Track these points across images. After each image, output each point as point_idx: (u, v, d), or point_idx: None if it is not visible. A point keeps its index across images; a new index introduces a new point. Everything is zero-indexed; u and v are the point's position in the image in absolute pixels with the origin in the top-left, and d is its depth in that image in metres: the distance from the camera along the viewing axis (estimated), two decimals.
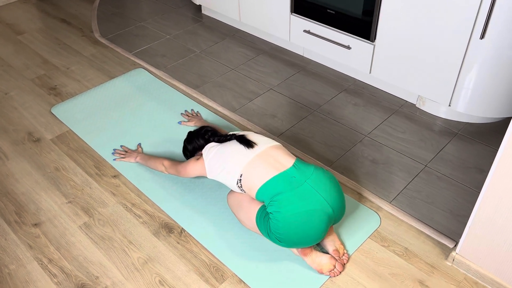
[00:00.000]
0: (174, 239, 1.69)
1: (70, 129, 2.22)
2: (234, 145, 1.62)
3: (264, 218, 1.50)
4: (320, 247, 1.61)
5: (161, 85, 2.49)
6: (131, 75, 2.57)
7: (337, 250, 1.57)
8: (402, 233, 1.68)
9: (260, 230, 1.54)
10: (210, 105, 2.35)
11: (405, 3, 1.96)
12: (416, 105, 2.28)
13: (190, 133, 1.84)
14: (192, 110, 2.28)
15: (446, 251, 1.61)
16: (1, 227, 1.77)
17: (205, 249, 1.65)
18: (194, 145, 1.78)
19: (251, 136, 1.65)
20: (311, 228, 1.45)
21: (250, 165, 1.54)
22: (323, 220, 1.46)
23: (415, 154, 2.00)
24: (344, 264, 1.57)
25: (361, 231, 1.68)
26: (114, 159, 2.02)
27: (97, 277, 1.58)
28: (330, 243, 1.58)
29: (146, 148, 2.08)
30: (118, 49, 2.83)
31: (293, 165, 1.53)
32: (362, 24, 2.18)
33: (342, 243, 1.62)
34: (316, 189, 1.47)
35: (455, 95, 2.03)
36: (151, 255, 1.64)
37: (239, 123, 2.22)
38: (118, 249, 1.67)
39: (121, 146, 2.09)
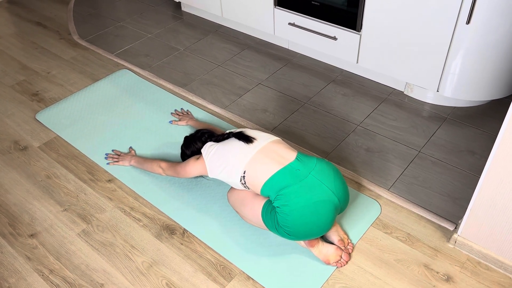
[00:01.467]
0: (177, 240, 1.67)
1: (58, 135, 2.16)
2: (233, 142, 1.61)
3: (270, 213, 1.50)
4: (324, 238, 1.62)
5: (148, 85, 2.45)
6: (116, 77, 2.52)
7: (342, 240, 1.58)
8: (403, 219, 1.70)
9: (267, 226, 1.54)
10: (200, 103, 2.33)
11: None
12: (404, 92, 2.31)
13: (186, 138, 1.81)
14: (182, 109, 2.26)
15: (447, 234, 1.64)
16: None
17: (210, 248, 1.64)
18: (192, 149, 1.75)
19: (249, 131, 1.65)
20: (319, 219, 1.46)
21: (253, 161, 1.53)
22: (331, 210, 1.47)
23: (408, 141, 2.03)
24: (350, 253, 1.58)
25: (363, 220, 1.70)
26: (108, 163, 1.97)
27: (102, 285, 1.55)
28: (334, 234, 1.60)
29: (139, 151, 2.04)
30: (99, 51, 2.77)
31: (296, 158, 1.53)
32: (348, 14, 2.19)
33: (346, 233, 1.64)
34: (321, 180, 1.48)
35: (443, 81, 2.07)
36: (155, 258, 1.62)
37: (231, 120, 2.20)
38: (121, 254, 1.64)
39: (112, 150, 2.04)
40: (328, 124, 2.15)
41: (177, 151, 2.02)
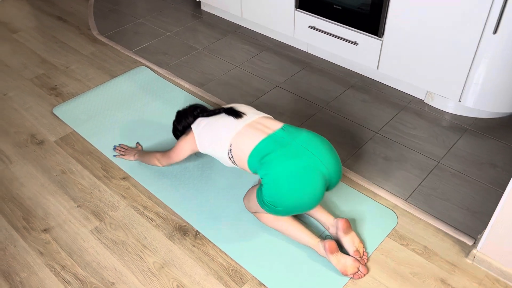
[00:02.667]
0: (189, 242, 1.66)
1: (74, 130, 2.16)
2: (223, 117, 1.61)
3: (260, 189, 1.47)
4: (340, 247, 1.59)
5: (165, 84, 2.44)
6: (134, 74, 2.52)
7: (357, 251, 1.55)
8: (420, 231, 1.67)
9: (260, 205, 1.49)
10: (216, 103, 2.31)
11: None
12: (425, 101, 2.27)
13: (179, 112, 1.80)
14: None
15: (466, 249, 1.60)
16: (9, 233, 1.71)
17: (222, 251, 1.62)
18: (183, 124, 1.76)
19: (240, 107, 1.65)
20: (304, 186, 1.38)
21: (240, 135, 1.52)
22: (317, 177, 1.39)
23: (427, 151, 1.99)
24: (366, 264, 1.55)
25: (379, 230, 1.66)
26: (114, 155, 1.99)
27: (113, 283, 1.54)
28: (350, 244, 1.56)
29: (153, 149, 2.03)
30: (118, 47, 2.77)
31: (281, 127, 1.51)
32: (370, 19, 2.16)
33: (362, 241, 1.60)
34: (307, 147, 1.43)
35: (465, 90, 2.02)
36: (167, 259, 1.61)
37: None
38: (133, 253, 1.63)
39: (119, 144, 2.04)
40: (345, 130, 2.11)
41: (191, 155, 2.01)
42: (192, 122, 1.71)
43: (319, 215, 1.62)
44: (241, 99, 2.33)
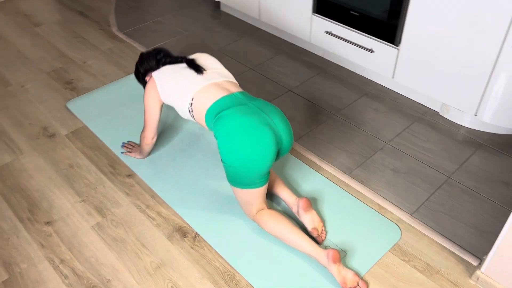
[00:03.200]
0: (188, 243, 1.65)
1: (85, 125, 2.19)
2: (185, 70, 1.67)
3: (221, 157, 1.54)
4: (300, 222, 1.64)
5: None
6: None
7: (315, 229, 1.59)
8: (423, 247, 1.62)
9: (225, 171, 1.54)
10: None
11: (436, 7, 1.89)
12: (440, 113, 2.21)
13: (141, 54, 1.86)
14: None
15: (470, 269, 1.55)
16: (13, 223, 1.74)
17: (220, 255, 1.61)
18: (145, 66, 1.83)
19: (203, 60, 1.73)
20: (255, 138, 1.44)
21: (202, 91, 1.59)
22: (268, 131, 1.46)
23: (438, 165, 1.93)
24: (322, 241, 1.59)
25: (380, 244, 1.62)
26: (122, 152, 2.00)
27: (109, 280, 1.55)
28: (309, 221, 1.60)
29: (161, 147, 2.04)
30: (135, 44, 2.80)
31: (240, 91, 1.60)
32: (387, 27, 2.11)
33: (322, 221, 1.65)
34: (260, 108, 1.52)
35: (482, 104, 1.95)
36: (164, 259, 1.60)
37: None
38: (131, 252, 1.63)
39: (128, 141, 2.06)
40: (355, 139, 2.07)
41: (199, 152, 2.01)
42: (154, 66, 1.79)
43: (284, 194, 1.68)
44: None
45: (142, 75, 1.86)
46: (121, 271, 1.57)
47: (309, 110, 2.25)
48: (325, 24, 2.38)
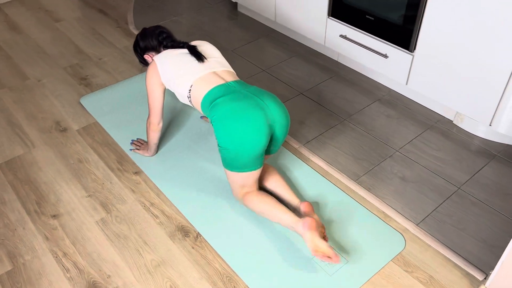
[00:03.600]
0: (189, 243, 1.66)
1: (97, 121, 2.22)
2: (186, 56, 1.71)
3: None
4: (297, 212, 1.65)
5: None
6: None
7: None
8: (427, 259, 1.58)
9: (221, 157, 1.61)
10: None
11: (451, 14, 1.84)
12: (454, 122, 2.15)
13: (145, 29, 1.88)
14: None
15: (475, 284, 1.50)
16: (20, 215, 1.77)
17: (220, 257, 1.61)
18: (146, 43, 1.84)
19: (204, 47, 1.76)
20: (247, 121, 1.50)
21: (201, 79, 1.64)
22: (259, 114, 1.51)
23: (449, 175, 1.89)
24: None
25: (383, 253, 1.59)
26: (131, 149, 2.02)
27: (109, 276, 1.56)
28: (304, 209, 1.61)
29: (169, 145, 2.05)
30: None
31: (235, 80, 1.65)
32: (402, 33, 2.07)
33: (324, 226, 1.61)
34: (254, 93, 1.57)
35: (497, 115, 1.90)
36: (164, 258, 1.61)
37: None
38: (132, 248, 1.64)
39: (137, 138, 2.07)
40: (365, 145, 2.04)
41: (206, 151, 2.01)
42: (155, 46, 1.83)
43: (287, 196, 1.68)
44: None
45: (140, 51, 1.90)
46: (121, 267, 1.58)
47: (319, 114, 2.23)
48: (340, 27, 2.36)
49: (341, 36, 2.37)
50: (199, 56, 1.70)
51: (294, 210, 1.66)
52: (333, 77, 2.48)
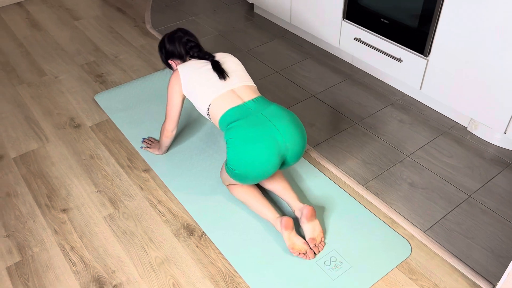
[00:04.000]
0: (193, 242, 1.67)
1: (109, 118, 2.25)
2: (208, 72, 1.69)
3: (226, 160, 1.61)
4: (299, 230, 1.65)
5: None
6: None
7: (313, 238, 1.59)
8: (433, 267, 1.55)
9: (225, 168, 1.63)
10: None
11: (467, 19, 1.81)
12: (468, 129, 2.11)
13: (173, 33, 1.84)
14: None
15: None
16: (32, 208, 1.81)
17: (223, 256, 1.61)
18: (173, 48, 1.82)
19: (227, 64, 1.73)
20: (259, 152, 1.50)
21: (220, 98, 1.64)
22: (272, 146, 1.51)
23: (460, 182, 1.85)
24: (318, 252, 1.58)
25: (388, 259, 1.57)
26: (141, 147, 2.05)
27: (114, 271, 1.58)
28: (310, 230, 1.60)
29: (179, 144, 2.06)
30: None
31: (253, 99, 1.63)
32: (417, 37, 2.05)
33: (323, 231, 1.65)
34: (270, 118, 1.56)
35: None
36: (168, 255, 1.62)
37: None
38: (138, 245, 1.66)
39: (148, 137, 2.10)
40: (375, 150, 2.02)
41: (216, 152, 2.02)
42: (181, 53, 1.81)
43: (289, 198, 1.69)
44: None
45: (166, 53, 1.87)
46: (126, 263, 1.60)
47: (330, 117, 2.21)
48: (354, 30, 2.34)
49: (355, 39, 2.35)
50: (221, 74, 1.68)
51: (297, 212, 1.66)
52: (346, 80, 2.47)
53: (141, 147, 2.05)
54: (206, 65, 1.73)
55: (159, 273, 1.57)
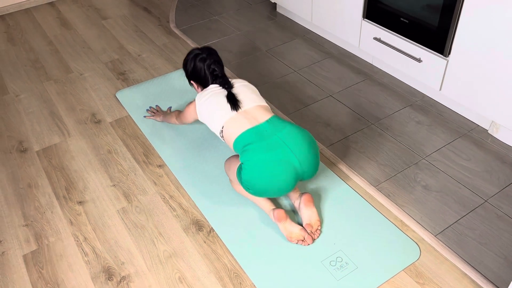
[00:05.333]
0: (202, 237, 1.69)
1: (129, 115, 2.31)
2: (223, 100, 1.71)
3: (239, 169, 1.62)
4: (296, 217, 1.70)
5: None
6: None
7: (310, 225, 1.62)
8: (442, 272, 1.52)
9: (237, 179, 1.65)
10: None
11: (488, 18, 1.76)
12: (489, 131, 2.05)
13: (198, 53, 1.83)
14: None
15: None
16: (50, 200, 1.89)
17: (230, 253, 1.63)
18: (196, 72, 1.82)
19: (241, 95, 1.72)
20: (275, 177, 1.53)
21: (232, 120, 1.67)
22: (288, 171, 1.54)
23: (476, 186, 1.80)
24: (315, 239, 1.62)
25: (395, 261, 1.54)
26: (144, 116, 2.21)
27: (123, 263, 1.62)
28: (307, 217, 1.64)
29: (194, 142, 2.10)
30: (189, 41, 2.90)
31: (267, 120, 1.64)
32: (437, 36, 2.00)
33: (320, 219, 1.68)
34: (285, 141, 1.56)
35: None
36: (176, 250, 1.65)
37: None
38: (148, 239, 1.70)
39: (156, 105, 2.28)
40: (390, 151, 1.99)
41: (229, 149, 2.04)
42: (204, 77, 1.80)
43: None
44: (289, 104, 2.30)
45: (189, 73, 1.87)
46: (135, 255, 1.65)
47: (346, 117, 2.19)
48: (374, 30, 2.31)
49: (375, 38, 2.32)
50: (234, 105, 1.69)
51: (295, 201, 1.71)
52: (365, 80, 2.44)
53: (145, 116, 2.21)
54: (222, 92, 1.74)
55: (166, 267, 1.60)
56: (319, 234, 1.64)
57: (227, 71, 2.59)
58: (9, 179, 1.99)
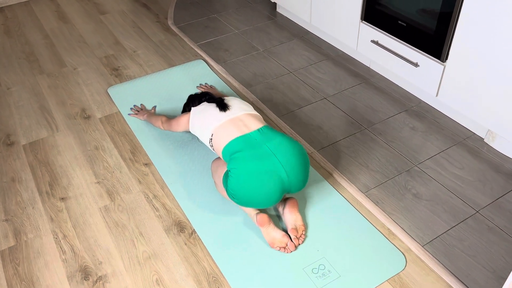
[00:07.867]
0: (182, 239, 1.65)
1: (119, 111, 2.27)
2: (213, 108, 1.73)
3: (225, 176, 1.57)
4: (280, 222, 1.66)
5: (216, 80, 2.46)
6: (190, 66, 2.57)
7: (295, 229, 1.58)
8: (427, 284, 1.46)
9: (224, 188, 1.60)
10: (257, 106, 2.27)
11: (486, 23, 1.70)
12: (485, 140, 1.99)
13: (191, 95, 1.96)
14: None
15: None
16: (33, 195, 1.85)
17: (210, 256, 1.59)
18: (191, 106, 1.90)
19: (231, 101, 1.76)
20: (261, 188, 1.48)
21: (221, 127, 1.64)
22: (275, 182, 1.49)
23: (468, 196, 1.74)
24: (298, 245, 1.57)
25: (380, 271, 1.49)
26: (129, 114, 2.20)
27: (101, 263, 1.59)
28: (291, 221, 1.60)
29: (182, 142, 2.06)
30: (185, 39, 2.86)
31: (258, 129, 1.61)
32: (434, 41, 1.95)
33: (305, 225, 1.63)
34: (274, 152, 1.52)
35: None
36: (156, 251, 1.61)
37: (282, 130, 2.11)
38: (128, 238, 1.66)
39: (140, 104, 2.26)
40: (381, 157, 1.94)
41: (214, 154, 2.00)
42: (199, 99, 1.89)
43: None
44: (281, 106, 2.26)
45: (186, 105, 1.99)
46: (114, 255, 1.61)
47: (339, 121, 2.14)
48: (372, 32, 2.26)
49: (373, 41, 2.27)
50: (222, 106, 1.71)
51: (279, 205, 1.68)
52: (361, 83, 2.38)
53: (129, 114, 2.19)
54: (213, 104, 1.78)
55: (144, 268, 1.56)
56: (304, 240, 1.59)
57: (221, 71, 2.55)
58: None
